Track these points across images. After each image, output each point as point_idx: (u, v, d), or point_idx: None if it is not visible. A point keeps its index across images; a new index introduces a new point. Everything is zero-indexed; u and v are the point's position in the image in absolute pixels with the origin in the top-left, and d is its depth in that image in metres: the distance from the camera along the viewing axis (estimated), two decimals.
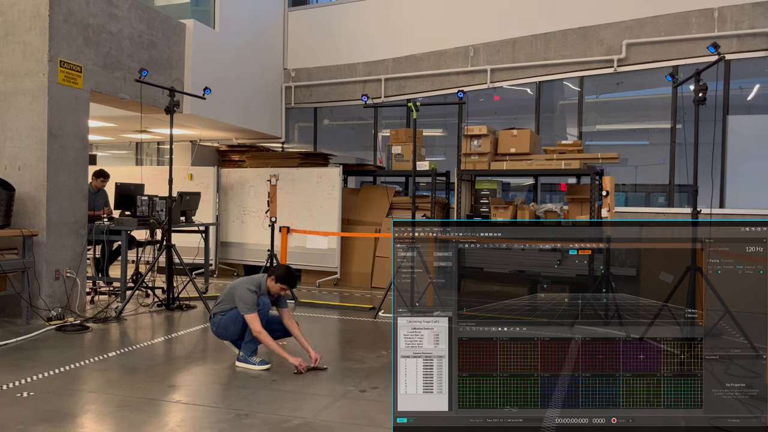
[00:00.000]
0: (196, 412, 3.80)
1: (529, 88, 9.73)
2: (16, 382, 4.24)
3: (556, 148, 8.07)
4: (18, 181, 6.22)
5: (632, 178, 9.77)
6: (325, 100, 11.11)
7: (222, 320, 4.88)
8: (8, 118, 6.33)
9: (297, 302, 7.61)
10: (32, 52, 6.25)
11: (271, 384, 4.36)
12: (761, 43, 8.24)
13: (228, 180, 10.00)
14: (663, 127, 8.98)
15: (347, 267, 9.21)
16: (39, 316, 6.10)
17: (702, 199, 5.69)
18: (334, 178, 9.15)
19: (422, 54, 10.24)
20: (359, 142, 11.78)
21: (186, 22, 8.52)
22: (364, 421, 3.67)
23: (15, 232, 5.98)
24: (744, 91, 8.86)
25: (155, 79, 7.59)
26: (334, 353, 5.39)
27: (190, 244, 8.50)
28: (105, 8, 7.01)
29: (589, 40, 9.14)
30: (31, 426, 3.49)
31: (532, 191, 9.74)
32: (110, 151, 14.37)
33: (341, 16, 10.99)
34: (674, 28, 8.64)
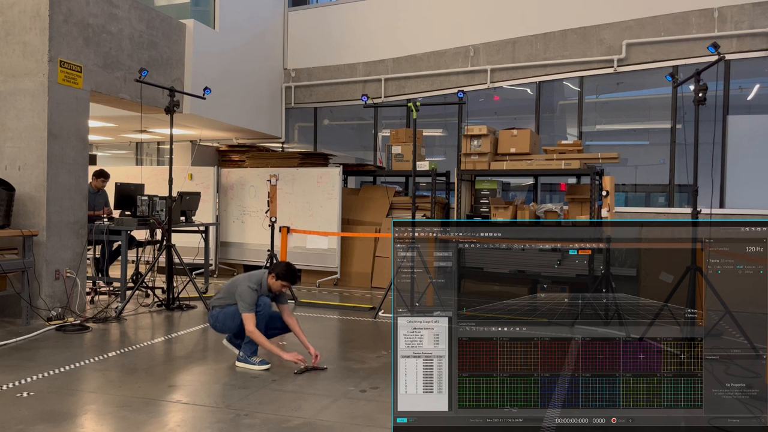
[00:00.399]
0: (196, 412, 3.80)
1: (529, 88, 9.73)
2: (16, 382, 4.24)
3: (556, 148, 8.07)
4: (18, 181, 6.22)
5: (632, 178, 9.77)
6: (325, 100, 11.12)
7: (220, 315, 4.91)
8: (8, 118, 6.33)
9: (297, 302, 7.61)
10: (32, 52, 6.25)
11: (271, 384, 4.36)
12: (761, 43, 8.24)
13: (228, 180, 10.00)
14: (663, 127, 8.98)
15: (347, 267, 9.21)
16: (39, 316, 6.10)
17: (702, 199, 5.69)
18: (334, 178, 9.15)
19: (422, 54, 10.24)
20: (359, 142, 11.78)
21: (186, 22, 8.52)
22: (364, 421, 3.67)
23: (15, 232, 5.98)
24: (744, 91, 8.86)
25: (155, 79, 7.60)
26: (334, 353, 5.39)
27: (190, 244, 8.51)
28: (105, 8, 7.01)
29: (589, 40, 9.14)
30: (31, 426, 3.49)
31: (532, 191, 9.74)
32: (110, 151, 14.38)
33: (341, 16, 10.99)
34: (674, 28, 8.64)
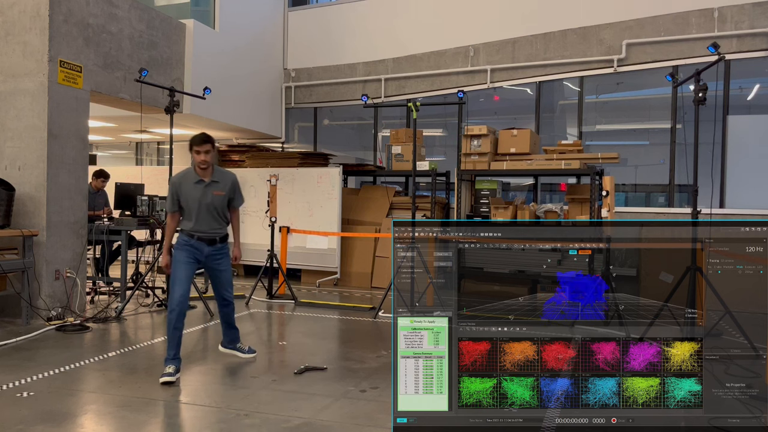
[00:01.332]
0: (196, 412, 3.80)
1: (529, 88, 9.73)
2: (16, 382, 4.24)
3: (556, 148, 8.07)
4: (18, 181, 6.22)
5: (632, 178, 9.77)
6: (325, 100, 11.12)
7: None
8: (8, 118, 6.33)
9: (297, 302, 7.61)
10: (32, 52, 6.25)
11: (271, 384, 4.36)
12: (761, 43, 8.24)
13: None
14: (663, 127, 8.98)
15: (347, 267, 9.21)
16: (39, 316, 6.10)
17: (702, 199, 5.69)
18: (334, 178, 9.15)
19: (422, 54, 10.24)
20: (359, 142, 11.78)
21: (186, 22, 8.53)
22: (364, 421, 3.67)
23: (15, 232, 5.98)
24: (744, 91, 8.86)
25: (155, 79, 7.60)
26: (334, 353, 5.39)
27: None
28: (105, 8, 7.01)
29: (589, 40, 9.14)
30: (31, 426, 3.49)
31: (532, 191, 9.74)
32: (110, 151, 14.38)
33: (341, 16, 10.99)
34: (674, 28, 8.64)
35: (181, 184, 4.56)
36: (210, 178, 4.56)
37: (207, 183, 4.54)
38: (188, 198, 4.53)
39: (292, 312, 7.14)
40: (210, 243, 4.57)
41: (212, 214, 4.56)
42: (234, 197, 4.72)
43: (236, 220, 4.88)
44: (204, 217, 4.53)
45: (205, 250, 4.56)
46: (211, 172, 4.57)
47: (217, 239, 4.60)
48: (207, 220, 4.54)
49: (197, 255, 4.55)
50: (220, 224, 4.63)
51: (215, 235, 4.59)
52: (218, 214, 4.59)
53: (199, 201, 4.51)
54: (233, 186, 4.69)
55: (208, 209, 4.53)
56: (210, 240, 4.57)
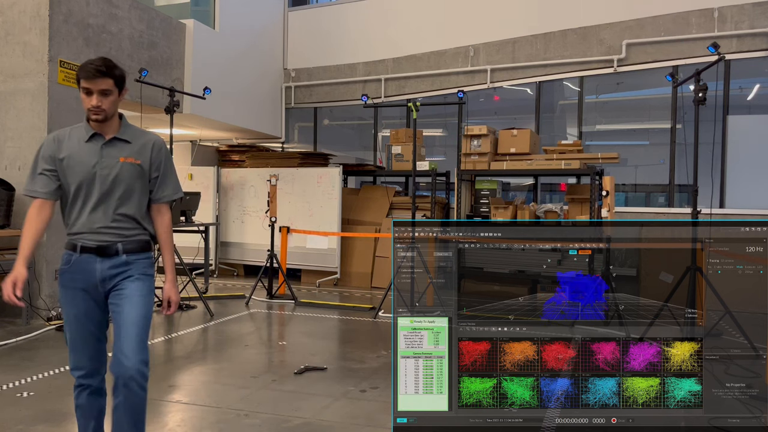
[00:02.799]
0: (196, 412, 3.80)
1: (529, 88, 9.73)
2: (16, 382, 4.24)
3: (556, 148, 8.08)
4: (18, 181, 6.22)
5: (632, 178, 9.77)
6: (325, 100, 11.12)
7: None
8: (8, 118, 6.33)
9: (297, 302, 7.61)
10: (32, 52, 6.25)
11: (271, 384, 4.36)
12: (761, 43, 8.24)
13: (228, 180, 10.00)
14: (663, 127, 8.98)
15: (347, 267, 9.21)
16: (39, 316, 6.10)
17: (702, 199, 5.69)
18: (334, 178, 9.15)
19: (422, 54, 10.24)
20: (359, 142, 11.78)
21: (186, 22, 8.53)
22: (364, 421, 3.67)
23: (15, 232, 5.98)
24: (744, 91, 8.86)
25: (155, 79, 7.59)
26: (334, 353, 5.40)
27: (190, 244, 8.50)
28: (105, 8, 7.01)
29: (589, 40, 9.14)
30: (31, 426, 3.49)
31: (532, 191, 9.74)
32: None
33: (341, 16, 10.99)
34: (674, 28, 8.64)
35: (62, 141, 2.61)
36: (115, 134, 2.62)
37: (107, 141, 2.60)
38: (73, 166, 2.59)
39: (292, 312, 7.14)
40: (103, 254, 2.61)
41: (113, 197, 2.60)
42: (159, 177, 2.70)
43: (166, 225, 2.76)
44: (97, 204, 2.60)
45: (97, 270, 2.62)
46: (118, 127, 2.64)
47: (117, 248, 2.61)
48: (102, 211, 2.60)
49: (87, 286, 2.66)
50: (128, 222, 2.64)
51: (115, 240, 2.61)
52: (125, 198, 2.62)
53: (91, 171, 2.58)
54: (157, 154, 2.68)
55: (109, 189, 2.59)
56: (103, 249, 2.61)
